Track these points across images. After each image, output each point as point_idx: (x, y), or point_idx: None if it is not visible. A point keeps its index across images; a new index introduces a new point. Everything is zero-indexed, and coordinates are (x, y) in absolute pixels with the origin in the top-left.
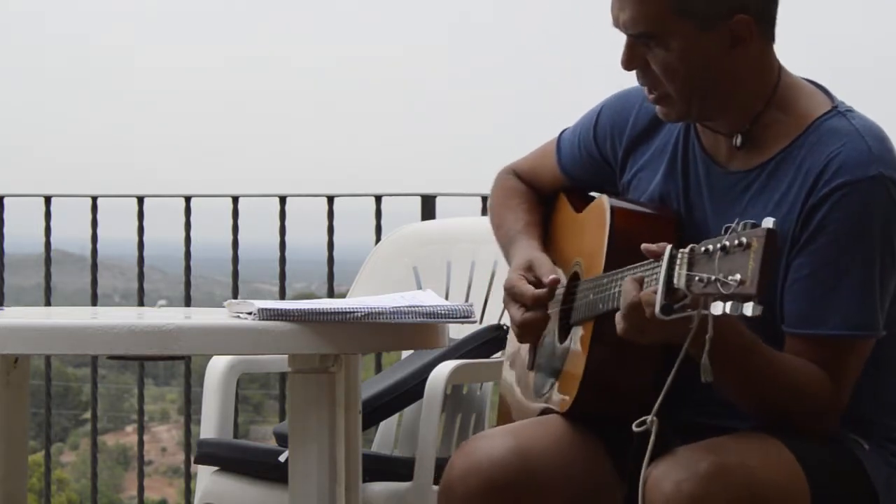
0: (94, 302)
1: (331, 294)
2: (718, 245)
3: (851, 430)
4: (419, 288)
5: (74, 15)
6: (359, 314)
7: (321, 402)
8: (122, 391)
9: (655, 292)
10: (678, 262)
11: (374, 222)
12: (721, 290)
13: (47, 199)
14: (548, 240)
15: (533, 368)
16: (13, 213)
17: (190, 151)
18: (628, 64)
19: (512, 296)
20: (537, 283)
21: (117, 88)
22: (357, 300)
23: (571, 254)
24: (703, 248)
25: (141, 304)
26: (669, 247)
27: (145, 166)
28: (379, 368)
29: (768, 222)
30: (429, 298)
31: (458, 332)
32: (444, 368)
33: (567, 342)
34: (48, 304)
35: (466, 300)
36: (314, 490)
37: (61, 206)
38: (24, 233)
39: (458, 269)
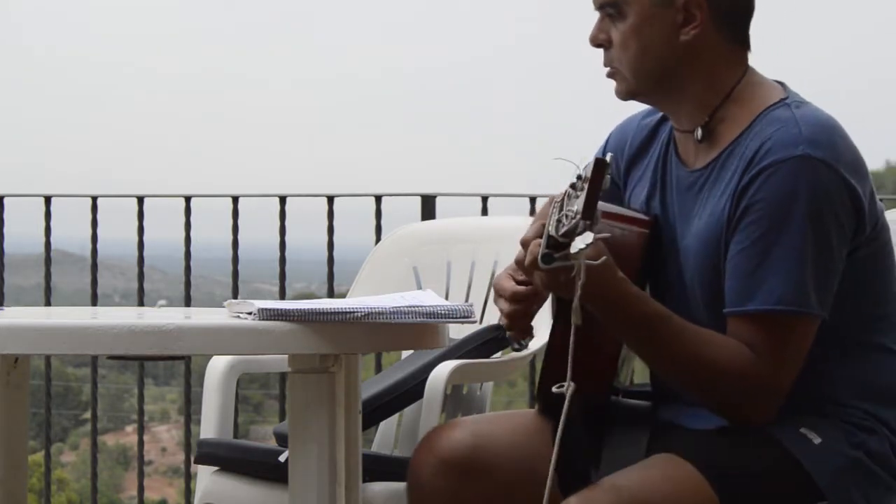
0: (94, 302)
1: (331, 294)
2: (570, 186)
3: (805, 419)
4: (419, 288)
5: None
6: (359, 314)
7: (321, 402)
8: (122, 391)
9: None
10: (554, 208)
11: (374, 222)
12: (567, 224)
13: (47, 199)
14: None
15: None
16: (13, 213)
17: (189, 151)
18: (594, 38)
19: (497, 292)
20: (525, 282)
21: (118, 88)
22: (357, 300)
23: None
24: (565, 192)
25: (141, 304)
26: (556, 200)
27: (145, 166)
28: (379, 368)
29: (607, 157)
30: (429, 298)
31: (458, 332)
32: (444, 368)
33: None
34: (48, 304)
35: (466, 300)
36: (314, 490)
37: (61, 206)
38: (24, 233)
39: (458, 269)
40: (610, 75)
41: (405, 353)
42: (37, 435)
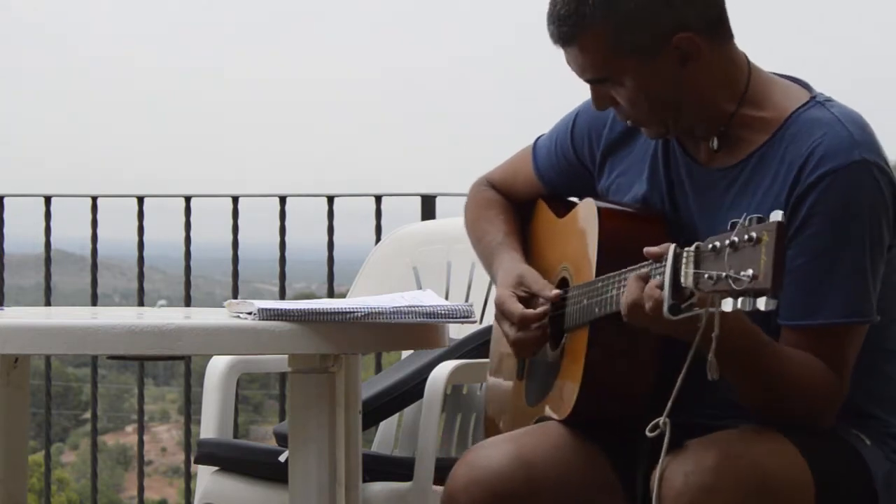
0: (94, 302)
1: (331, 294)
2: (727, 241)
3: (853, 425)
4: (419, 288)
5: (74, 15)
6: (359, 314)
7: (321, 402)
8: (122, 391)
9: (661, 291)
10: (684, 260)
11: (374, 222)
12: (733, 286)
13: (47, 199)
14: (528, 248)
15: (523, 377)
16: (13, 213)
17: (190, 151)
18: (598, 106)
19: (503, 313)
20: (528, 299)
21: (117, 88)
22: (357, 300)
23: (556, 260)
24: (709, 246)
25: (141, 304)
26: (673, 246)
27: (145, 166)
28: (379, 368)
29: (777, 215)
30: (429, 298)
31: (458, 332)
32: (444, 368)
33: (560, 349)
34: (48, 304)
35: (466, 300)
36: (314, 490)
37: (61, 206)
38: (24, 233)
39: (458, 269)
40: (635, 126)
41: (405, 353)
42: (37, 435)
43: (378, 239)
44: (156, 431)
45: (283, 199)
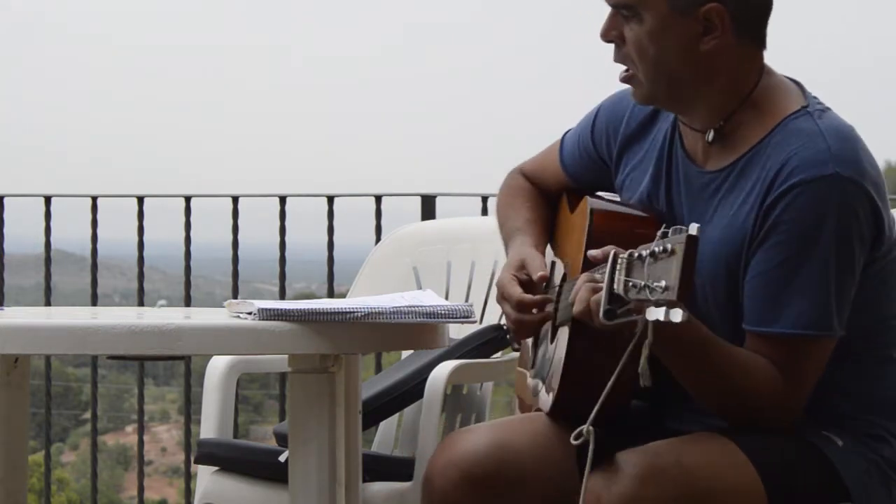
0: (94, 302)
1: (331, 294)
2: (648, 251)
3: (825, 426)
4: (419, 288)
5: (74, 15)
6: (359, 314)
7: (321, 402)
8: (122, 391)
9: (600, 298)
10: (618, 267)
11: (374, 222)
12: (649, 296)
13: (47, 199)
14: (552, 239)
15: (533, 366)
16: (13, 213)
17: (190, 151)
18: (605, 34)
19: (503, 295)
20: (529, 282)
21: (117, 88)
22: (357, 300)
23: (563, 253)
24: (637, 254)
25: (141, 304)
26: (613, 251)
27: (145, 166)
28: (379, 368)
29: (692, 228)
30: (429, 298)
31: (458, 332)
32: (444, 368)
33: (555, 343)
34: (48, 304)
35: (466, 300)
36: (314, 490)
37: (61, 206)
38: (24, 233)
39: (458, 269)
40: (626, 80)
41: (405, 353)
42: (37, 435)
43: (378, 239)
44: (156, 431)
45: (283, 199)
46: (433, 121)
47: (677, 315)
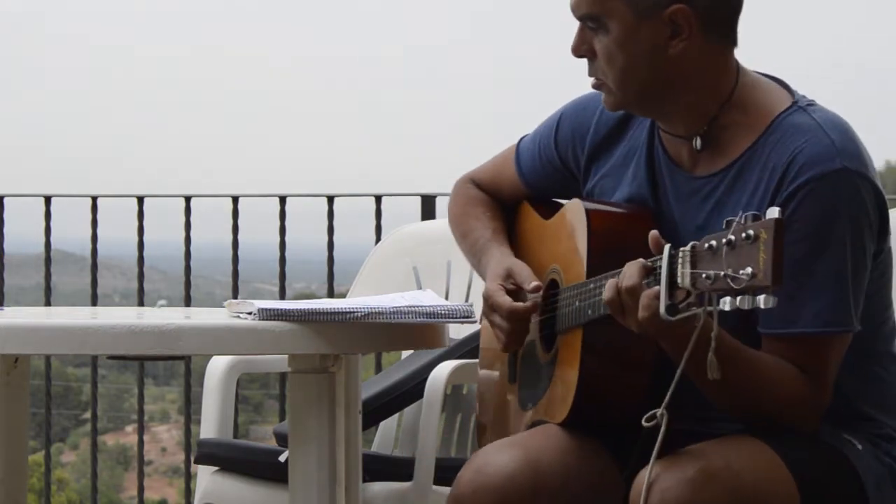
0: (94, 302)
1: (331, 294)
2: (724, 240)
3: (843, 429)
4: (419, 288)
5: (74, 15)
6: (359, 314)
7: (321, 402)
8: (122, 391)
9: (658, 293)
10: (679, 260)
11: (374, 222)
12: (732, 285)
13: (47, 199)
14: (515, 250)
15: (516, 380)
16: (13, 213)
17: (190, 151)
18: (576, 49)
19: (490, 307)
20: (517, 292)
21: (117, 88)
22: (357, 300)
23: (544, 262)
24: (705, 245)
25: (141, 304)
26: (668, 246)
27: (145, 166)
28: (379, 368)
29: (774, 212)
30: (429, 298)
31: (458, 332)
32: (444, 368)
33: (553, 352)
34: (48, 304)
35: (466, 300)
36: (314, 490)
37: (61, 206)
38: (24, 233)
39: (458, 269)
40: (596, 87)
41: (405, 353)
42: (37, 435)
43: (378, 239)
44: (156, 431)
45: (283, 199)
46: (433, 121)
47: (770, 301)
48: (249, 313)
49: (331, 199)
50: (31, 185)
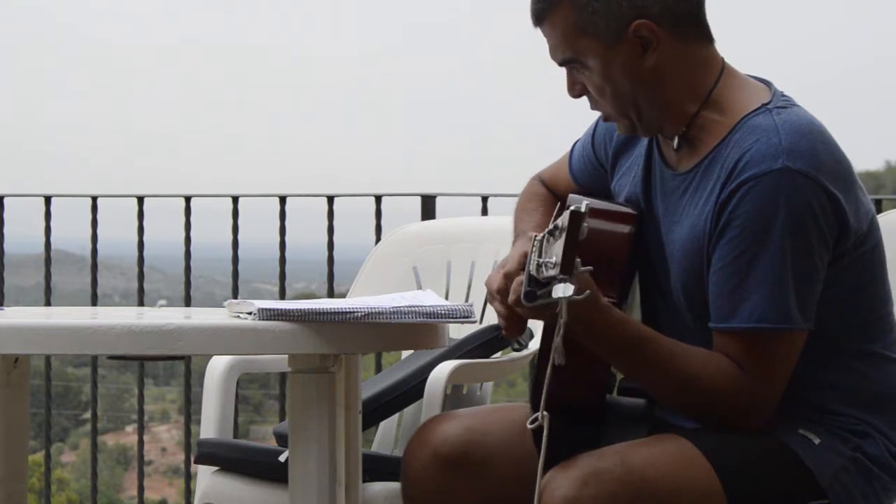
0: (94, 302)
1: (331, 294)
2: (548, 230)
3: (800, 424)
4: (419, 288)
5: (74, 14)
6: (359, 314)
7: (321, 402)
8: (122, 391)
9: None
10: (533, 248)
11: (374, 222)
12: (549, 272)
13: (47, 199)
14: None
15: None
16: (13, 213)
17: (190, 151)
18: (571, 91)
19: (490, 293)
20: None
21: (117, 89)
22: (357, 300)
23: None
24: (543, 234)
25: (141, 304)
26: (533, 235)
27: (145, 166)
28: (379, 368)
29: (581, 205)
30: (429, 298)
31: (458, 332)
32: (444, 368)
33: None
34: (48, 304)
35: (466, 300)
36: (314, 490)
37: (61, 206)
38: (24, 233)
39: (458, 269)
40: (606, 120)
41: (405, 353)
42: (37, 435)
43: (378, 239)
44: (156, 431)
45: (283, 199)
46: (433, 120)
47: (568, 290)
48: (249, 313)
49: (331, 199)
50: (31, 185)
